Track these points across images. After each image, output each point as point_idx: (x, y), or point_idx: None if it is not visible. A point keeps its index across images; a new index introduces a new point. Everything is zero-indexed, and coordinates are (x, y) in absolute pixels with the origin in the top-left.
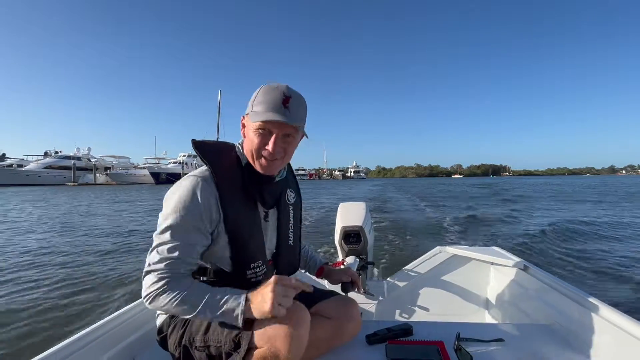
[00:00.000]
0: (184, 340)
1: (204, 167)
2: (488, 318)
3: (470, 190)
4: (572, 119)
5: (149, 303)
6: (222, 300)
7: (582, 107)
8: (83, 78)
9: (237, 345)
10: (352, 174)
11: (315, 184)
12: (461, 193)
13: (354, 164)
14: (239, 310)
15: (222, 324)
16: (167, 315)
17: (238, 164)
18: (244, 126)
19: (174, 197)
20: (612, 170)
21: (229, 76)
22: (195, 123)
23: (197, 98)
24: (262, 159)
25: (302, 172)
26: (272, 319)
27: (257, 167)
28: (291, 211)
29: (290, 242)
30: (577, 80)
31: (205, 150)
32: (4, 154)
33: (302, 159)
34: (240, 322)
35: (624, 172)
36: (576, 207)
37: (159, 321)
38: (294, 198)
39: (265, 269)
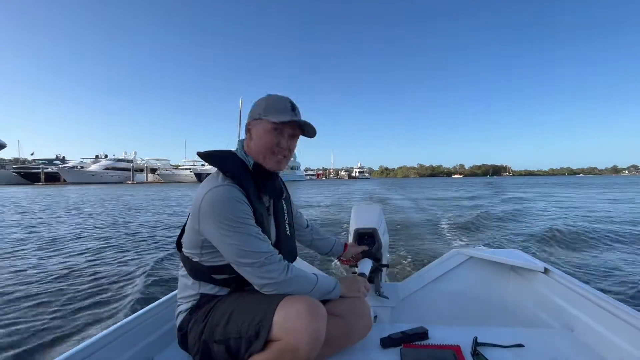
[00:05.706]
0: (204, 334)
1: (219, 173)
2: (507, 323)
3: (441, 183)
4: (577, 118)
5: (279, 286)
6: (327, 277)
7: (586, 106)
8: (106, 81)
9: (257, 334)
10: (357, 174)
11: (325, 183)
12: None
13: (359, 165)
14: (338, 285)
15: (244, 314)
16: (188, 312)
17: (244, 166)
18: (249, 131)
19: (221, 204)
20: (615, 170)
21: (229, 75)
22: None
23: (218, 102)
24: (276, 156)
25: (311, 172)
26: (292, 313)
27: (269, 165)
28: (284, 204)
29: (288, 232)
30: (581, 79)
31: (218, 160)
32: (64, 157)
33: (308, 158)
34: (337, 294)
35: (626, 172)
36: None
37: (180, 319)
38: (285, 192)
39: None
